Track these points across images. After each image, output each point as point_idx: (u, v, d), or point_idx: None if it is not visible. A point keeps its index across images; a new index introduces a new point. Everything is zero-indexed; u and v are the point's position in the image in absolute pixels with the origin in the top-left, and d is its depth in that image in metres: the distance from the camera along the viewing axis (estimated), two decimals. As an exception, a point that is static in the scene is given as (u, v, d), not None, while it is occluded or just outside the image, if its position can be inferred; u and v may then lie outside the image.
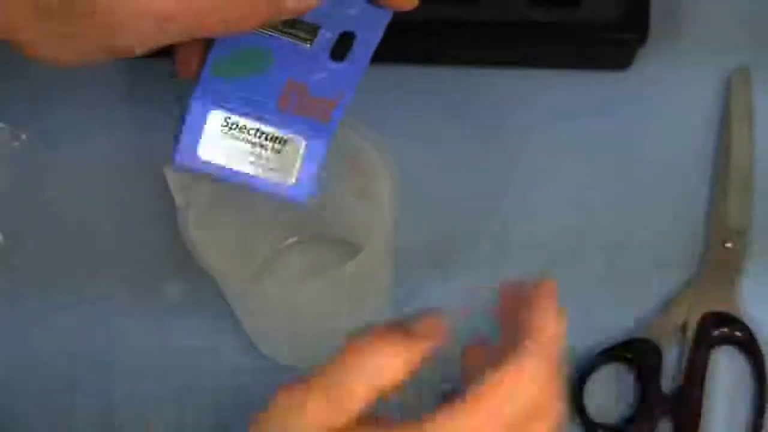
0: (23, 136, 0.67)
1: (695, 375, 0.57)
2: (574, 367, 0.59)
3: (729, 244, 0.60)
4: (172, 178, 0.52)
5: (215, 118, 0.49)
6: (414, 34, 0.64)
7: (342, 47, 0.50)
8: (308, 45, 0.50)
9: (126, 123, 0.67)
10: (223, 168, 0.49)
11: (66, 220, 0.65)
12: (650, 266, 0.61)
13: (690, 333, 0.58)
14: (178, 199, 0.52)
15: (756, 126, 0.63)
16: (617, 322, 0.59)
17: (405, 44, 0.65)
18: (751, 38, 0.66)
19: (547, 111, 0.65)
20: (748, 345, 0.58)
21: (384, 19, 0.50)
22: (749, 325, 0.58)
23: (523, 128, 0.65)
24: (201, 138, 0.49)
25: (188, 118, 0.49)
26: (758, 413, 0.57)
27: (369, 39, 0.50)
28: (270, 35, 0.50)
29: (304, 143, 0.49)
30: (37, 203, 0.65)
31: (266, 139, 0.49)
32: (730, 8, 0.67)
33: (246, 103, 0.49)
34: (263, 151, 0.49)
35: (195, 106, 0.49)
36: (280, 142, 0.49)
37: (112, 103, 0.68)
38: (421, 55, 0.67)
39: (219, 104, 0.49)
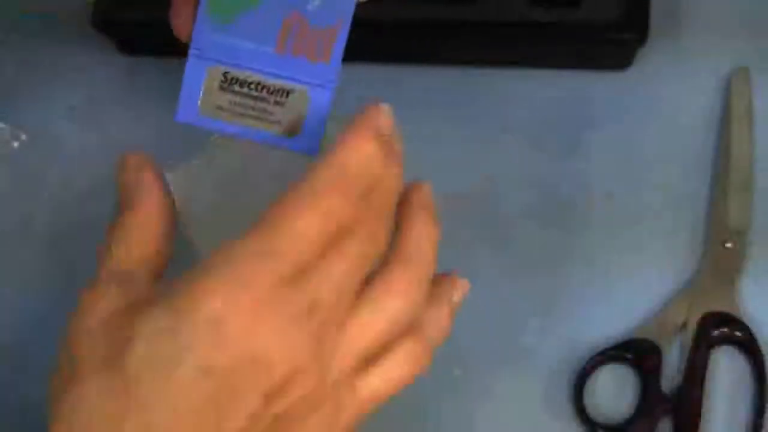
0: (23, 136, 0.67)
1: (695, 375, 0.57)
2: (574, 367, 0.59)
3: (729, 244, 0.60)
4: (172, 178, 0.52)
5: (213, 74, 0.48)
6: (414, 34, 0.64)
7: None
8: None
9: (126, 123, 0.67)
10: (226, 124, 0.49)
11: (66, 220, 0.65)
12: (650, 266, 0.61)
13: (690, 333, 0.58)
14: (178, 199, 0.52)
15: (756, 126, 0.63)
16: (617, 322, 0.59)
17: (405, 44, 0.65)
18: (751, 38, 0.66)
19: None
20: (748, 345, 0.58)
21: None
22: (749, 325, 0.58)
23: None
24: (201, 95, 0.48)
25: (186, 76, 0.48)
26: (758, 413, 0.57)
27: None
28: None
29: (307, 92, 0.48)
30: (37, 203, 0.65)
31: (268, 92, 0.48)
32: (730, 8, 0.67)
33: (243, 53, 0.48)
34: (266, 105, 0.48)
35: (191, 62, 0.48)
36: (282, 94, 0.48)
37: (112, 103, 0.68)
38: (421, 55, 0.67)
39: (216, 59, 0.48)
